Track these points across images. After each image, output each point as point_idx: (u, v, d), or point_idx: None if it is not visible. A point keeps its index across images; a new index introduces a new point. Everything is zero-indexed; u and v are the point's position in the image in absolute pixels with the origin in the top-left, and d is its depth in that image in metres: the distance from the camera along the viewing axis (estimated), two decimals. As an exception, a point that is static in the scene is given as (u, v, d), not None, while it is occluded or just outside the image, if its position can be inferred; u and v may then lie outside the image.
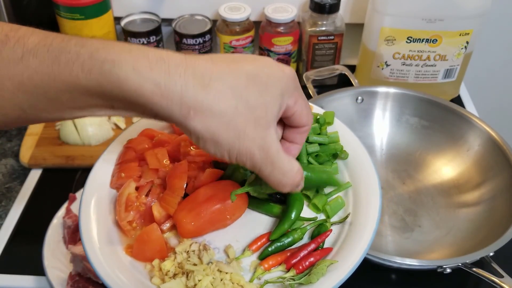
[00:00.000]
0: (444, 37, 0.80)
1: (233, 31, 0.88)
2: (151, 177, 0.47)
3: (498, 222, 0.61)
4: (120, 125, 0.81)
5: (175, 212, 0.44)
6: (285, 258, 0.43)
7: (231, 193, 0.43)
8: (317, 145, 0.49)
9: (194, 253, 0.43)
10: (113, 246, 0.43)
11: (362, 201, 0.45)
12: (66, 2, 0.80)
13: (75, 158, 0.75)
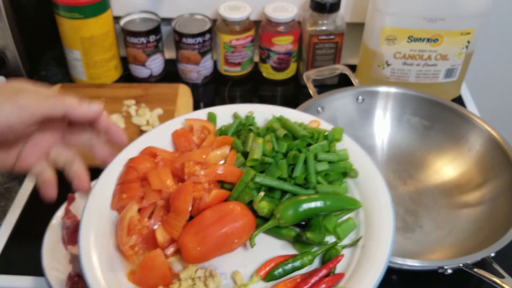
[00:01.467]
0: (445, 36, 0.80)
1: (233, 31, 0.88)
2: (154, 198, 0.45)
3: (500, 222, 0.61)
4: (120, 125, 0.80)
5: (179, 236, 0.42)
6: (295, 285, 0.40)
7: (250, 237, 0.41)
8: (326, 163, 0.47)
9: (200, 279, 0.41)
10: (115, 273, 0.42)
11: (374, 223, 0.43)
12: (65, 2, 0.80)
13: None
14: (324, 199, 0.43)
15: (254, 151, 0.45)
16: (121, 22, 0.88)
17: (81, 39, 0.84)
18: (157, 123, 0.80)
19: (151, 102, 0.83)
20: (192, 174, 0.44)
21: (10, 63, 0.86)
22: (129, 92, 0.86)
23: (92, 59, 0.87)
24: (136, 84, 0.89)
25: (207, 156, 0.46)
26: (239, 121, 0.51)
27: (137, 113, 0.82)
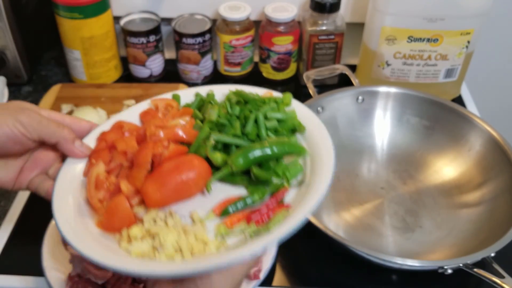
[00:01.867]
0: (445, 36, 0.80)
1: (233, 31, 0.88)
2: (120, 159, 0.49)
3: (500, 222, 0.61)
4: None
5: (141, 185, 0.45)
6: (246, 215, 0.44)
7: (207, 184, 0.46)
8: (275, 120, 0.51)
9: (160, 219, 0.44)
10: (84, 219, 0.45)
11: (318, 167, 0.47)
12: (65, 2, 0.80)
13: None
14: (272, 145, 0.47)
15: (210, 115, 0.50)
16: (121, 22, 0.88)
17: (81, 39, 0.84)
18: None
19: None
20: (153, 135, 0.48)
21: (10, 63, 0.86)
22: (129, 92, 0.86)
23: (92, 59, 0.87)
24: (136, 84, 0.89)
25: (167, 122, 0.51)
26: (200, 97, 0.56)
27: None
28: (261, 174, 0.46)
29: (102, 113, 0.81)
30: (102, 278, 0.55)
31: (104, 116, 0.80)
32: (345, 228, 0.67)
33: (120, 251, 0.43)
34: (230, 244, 0.43)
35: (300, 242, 0.66)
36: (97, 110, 0.80)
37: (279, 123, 0.51)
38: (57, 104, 0.84)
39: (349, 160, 0.76)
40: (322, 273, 0.63)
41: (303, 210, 0.43)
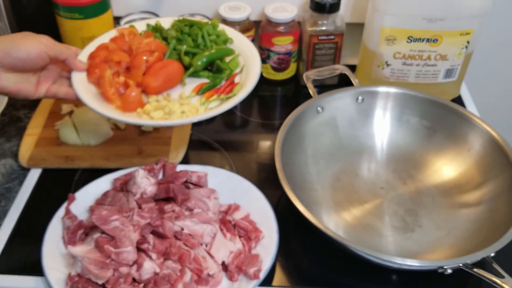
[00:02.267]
0: (445, 36, 0.80)
1: (233, 31, 0.88)
2: (117, 67, 0.67)
3: (499, 222, 0.61)
4: (119, 125, 0.81)
5: (141, 79, 0.66)
6: (215, 91, 0.69)
7: (182, 79, 0.69)
8: (214, 36, 0.75)
9: (161, 99, 0.66)
10: (104, 104, 0.65)
11: (249, 60, 0.72)
12: (65, 2, 0.80)
13: (75, 158, 0.75)
14: (216, 50, 0.72)
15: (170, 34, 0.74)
16: (121, 22, 0.88)
17: (81, 39, 0.84)
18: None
19: None
20: (137, 48, 0.69)
21: (11, 63, 0.86)
22: None
23: (93, 59, 0.87)
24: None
25: (142, 40, 0.71)
26: (152, 26, 0.77)
27: None
28: (220, 65, 0.70)
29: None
30: (102, 277, 0.56)
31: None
32: (345, 228, 0.67)
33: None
34: (211, 107, 0.67)
35: (300, 242, 0.66)
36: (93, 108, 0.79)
37: (216, 37, 0.75)
38: (57, 104, 0.84)
39: (349, 160, 0.76)
40: (322, 273, 0.63)
41: (249, 83, 0.67)
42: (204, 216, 0.62)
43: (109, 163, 0.74)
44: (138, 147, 0.77)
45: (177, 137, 0.79)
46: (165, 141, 0.78)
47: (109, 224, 0.58)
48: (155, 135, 0.79)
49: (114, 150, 0.76)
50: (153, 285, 0.57)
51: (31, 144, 0.77)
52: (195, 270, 0.58)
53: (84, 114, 0.79)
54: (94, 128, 0.77)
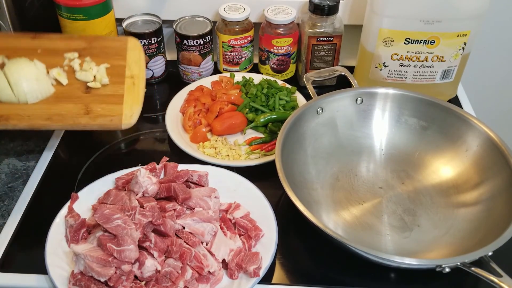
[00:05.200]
0: (442, 38, 0.81)
1: (232, 31, 0.89)
2: (201, 107, 0.85)
3: (497, 222, 0.62)
4: (62, 80, 0.73)
5: (211, 122, 0.82)
6: (260, 146, 0.80)
7: (244, 129, 0.83)
8: (284, 101, 0.86)
9: (219, 141, 0.80)
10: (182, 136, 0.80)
11: None
12: (68, 3, 0.81)
13: (10, 118, 0.65)
14: (278, 113, 0.83)
15: (251, 90, 0.86)
16: (123, 24, 0.89)
17: (84, 40, 0.85)
18: (105, 78, 0.73)
19: (97, 56, 0.75)
20: (220, 97, 0.85)
21: (13, 64, 0.86)
22: (70, 45, 0.76)
23: (95, 60, 0.88)
24: (77, 36, 0.81)
25: (227, 91, 0.87)
26: (245, 79, 0.91)
27: (81, 67, 0.74)
28: (273, 128, 0.82)
29: (40, 66, 0.71)
30: (104, 275, 0.56)
31: (42, 69, 0.71)
32: (344, 227, 0.67)
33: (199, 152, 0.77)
34: (251, 158, 0.77)
35: (300, 241, 0.66)
36: (34, 63, 0.71)
37: (286, 103, 0.86)
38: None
39: (348, 160, 0.76)
40: (321, 271, 0.63)
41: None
42: (205, 214, 0.63)
43: (52, 124, 0.66)
44: (85, 105, 0.69)
45: (129, 96, 0.71)
46: (116, 99, 0.71)
47: (112, 222, 0.59)
48: (104, 92, 0.72)
49: (57, 109, 0.67)
50: (154, 282, 0.57)
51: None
52: (196, 268, 0.59)
53: (19, 66, 0.69)
54: (31, 83, 0.67)
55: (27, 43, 0.76)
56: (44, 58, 0.73)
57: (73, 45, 0.77)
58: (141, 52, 0.79)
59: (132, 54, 0.78)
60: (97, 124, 0.65)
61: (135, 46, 0.80)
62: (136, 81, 0.73)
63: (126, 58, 0.77)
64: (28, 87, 0.66)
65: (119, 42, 0.79)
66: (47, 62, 0.72)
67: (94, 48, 0.78)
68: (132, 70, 0.75)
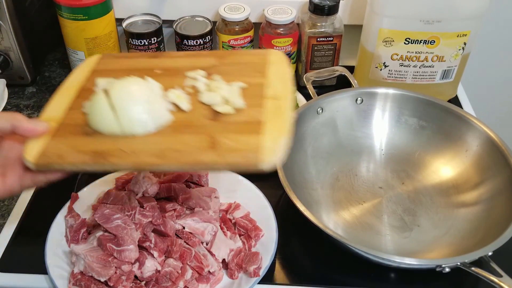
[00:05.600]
0: (442, 38, 0.81)
1: (232, 31, 0.89)
2: None
3: (497, 221, 0.62)
4: (182, 105, 0.53)
5: None
6: None
7: None
8: None
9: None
10: None
11: None
12: (68, 3, 0.81)
13: (108, 155, 0.47)
14: None
15: None
16: (123, 24, 0.89)
17: (85, 40, 0.85)
18: (239, 100, 0.53)
19: (228, 74, 0.57)
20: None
21: (14, 64, 0.87)
22: (196, 62, 0.60)
23: (95, 60, 0.88)
24: (206, 52, 0.66)
25: None
26: None
27: (208, 87, 0.56)
28: None
29: (155, 86, 0.54)
30: (104, 275, 0.56)
31: (157, 90, 0.54)
32: (344, 227, 0.67)
33: None
34: None
35: (300, 241, 0.67)
36: (146, 82, 0.55)
37: None
38: (92, 79, 0.58)
39: (348, 160, 0.76)
40: (321, 271, 0.63)
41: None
42: (205, 214, 0.63)
43: (163, 162, 0.47)
44: (210, 137, 0.49)
45: (272, 123, 0.50)
46: (254, 128, 0.49)
47: (112, 222, 0.59)
48: (237, 118, 0.51)
49: (172, 142, 0.49)
50: (154, 282, 0.57)
51: (45, 136, 0.51)
52: (196, 268, 0.59)
53: (125, 86, 0.52)
54: (142, 108, 0.50)
55: (144, 63, 0.62)
56: (162, 79, 0.57)
57: (200, 62, 0.61)
58: (286, 67, 0.60)
59: (275, 69, 0.59)
60: (226, 163, 0.46)
61: (279, 59, 0.61)
62: (281, 104, 0.54)
63: (266, 74, 0.58)
64: (136, 113, 0.49)
65: (258, 56, 0.61)
66: (165, 83, 0.56)
67: (226, 64, 0.60)
68: (275, 89, 0.56)
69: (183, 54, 0.66)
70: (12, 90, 0.89)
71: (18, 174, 0.49)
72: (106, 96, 0.51)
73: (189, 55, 0.65)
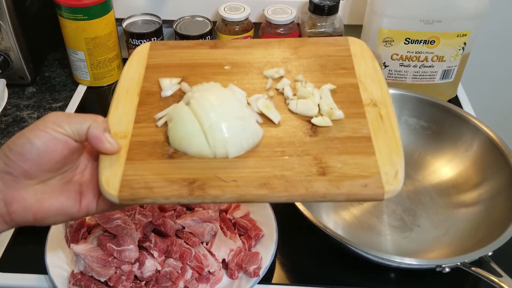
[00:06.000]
0: (442, 38, 0.81)
1: (232, 31, 0.89)
2: None
3: (497, 221, 0.62)
4: (271, 116, 0.46)
5: None
6: None
7: None
8: None
9: None
10: None
11: None
12: (68, 3, 0.81)
13: (206, 185, 0.40)
14: None
15: None
16: (123, 24, 0.89)
17: (85, 40, 0.85)
18: (337, 110, 0.46)
19: (309, 71, 0.49)
20: None
21: (14, 64, 0.87)
22: (267, 55, 0.51)
23: (96, 59, 0.88)
24: (274, 41, 0.53)
25: None
26: None
27: (295, 93, 0.47)
28: None
29: (241, 95, 0.47)
30: (104, 275, 0.56)
31: (243, 100, 0.46)
32: (344, 227, 0.67)
33: None
34: None
35: (300, 241, 0.66)
36: (230, 91, 0.47)
37: None
38: (151, 77, 0.50)
39: (348, 160, 0.76)
40: (321, 271, 0.63)
41: None
42: (205, 214, 0.63)
43: (271, 194, 0.40)
44: (315, 158, 0.42)
45: (380, 138, 0.44)
46: (363, 145, 0.43)
47: (112, 222, 0.59)
48: (339, 132, 0.44)
49: (273, 166, 0.41)
50: (154, 282, 0.57)
51: (118, 157, 0.42)
52: (196, 268, 0.59)
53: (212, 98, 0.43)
54: (235, 125, 0.43)
55: (207, 56, 0.53)
56: (235, 78, 0.49)
57: (273, 55, 0.52)
58: (374, 61, 0.52)
59: (362, 64, 0.51)
60: (345, 194, 0.40)
61: (362, 50, 0.53)
62: (383, 112, 0.46)
63: (354, 71, 0.50)
64: (229, 131, 0.42)
65: (338, 46, 0.53)
66: (241, 84, 0.49)
67: (302, 57, 0.52)
68: (371, 92, 0.48)
69: (248, 43, 0.55)
70: (12, 90, 0.89)
71: (97, 195, 0.43)
72: (192, 111, 0.43)
73: (255, 44, 0.54)
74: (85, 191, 0.43)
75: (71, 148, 0.42)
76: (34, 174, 0.41)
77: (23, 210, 0.41)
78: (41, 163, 0.40)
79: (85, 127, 0.41)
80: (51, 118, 0.41)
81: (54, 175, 0.42)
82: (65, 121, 0.41)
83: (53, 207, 0.42)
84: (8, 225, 0.42)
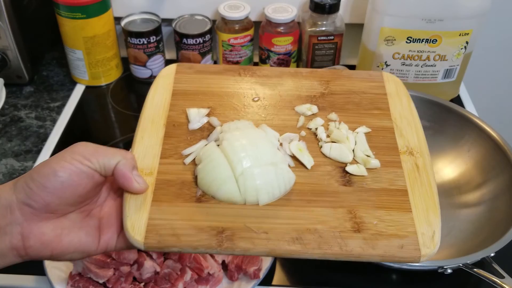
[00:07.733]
0: (444, 37, 0.81)
1: (232, 30, 0.88)
2: None
3: (499, 222, 0.62)
4: (304, 161, 0.44)
5: None
6: None
7: None
8: None
9: None
10: None
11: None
12: (66, 2, 0.80)
13: (235, 236, 0.39)
14: None
15: None
16: (122, 22, 0.88)
17: (83, 38, 0.84)
18: (373, 158, 0.44)
19: (343, 109, 0.47)
20: None
21: (12, 63, 0.86)
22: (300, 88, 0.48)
23: (95, 58, 0.87)
24: (306, 71, 0.51)
25: None
26: None
27: (329, 134, 0.45)
28: None
29: (273, 137, 0.45)
30: (103, 276, 0.56)
31: (276, 142, 0.44)
32: (345, 228, 0.67)
33: None
34: None
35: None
36: (262, 129, 0.45)
37: None
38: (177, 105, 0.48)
39: (349, 160, 0.76)
40: (321, 273, 0.63)
41: None
42: (205, 215, 0.62)
43: (304, 251, 0.38)
44: (349, 211, 0.40)
45: (417, 192, 0.41)
46: (398, 201, 0.41)
47: (110, 223, 0.58)
48: (374, 183, 0.42)
49: (307, 219, 0.40)
50: (153, 284, 0.57)
51: (145, 198, 0.41)
52: (195, 269, 0.58)
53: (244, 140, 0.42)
54: (267, 171, 0.41)
55: (235, 83, 0.51)
56: (265, 114, 0.47)
57: (304, 88, 0.49)
58: (410, 101, 0.50)
59: (397, 104, 0.49)
60: (378, 255, 0.37)
61: (397, 88, 0.51)
62: (419, 163, 0.44)
63: (390, 112, 0.47)
64: (261, 179, 0.40)
65: (372, 82, 0.49)
66: (271, 120, 0.46)
67: (336, 93, 0.49)
68: (406, 138, 0.46)
69: (278, 72, 0.52)
70: (10, 90, 0.89)
71: (117, 232, 0.41)
72: (224, 154, 0.41)
73: (286, 73, 0.52)
74: (104, 227, 0.42)
75: (95, 182, 0.40)
76: (56, 208, 0.39)
77: (41, 246, 0.39)
78: (64, 197, 0.39)
79: (113, 163, 0.40)
80: (80, 149, 0.40)
81: (74, 209, 0.41)
82: (93, 155, 0.39)
83: (72, 243, 0.40)
84: (22, 259, 0.40)
